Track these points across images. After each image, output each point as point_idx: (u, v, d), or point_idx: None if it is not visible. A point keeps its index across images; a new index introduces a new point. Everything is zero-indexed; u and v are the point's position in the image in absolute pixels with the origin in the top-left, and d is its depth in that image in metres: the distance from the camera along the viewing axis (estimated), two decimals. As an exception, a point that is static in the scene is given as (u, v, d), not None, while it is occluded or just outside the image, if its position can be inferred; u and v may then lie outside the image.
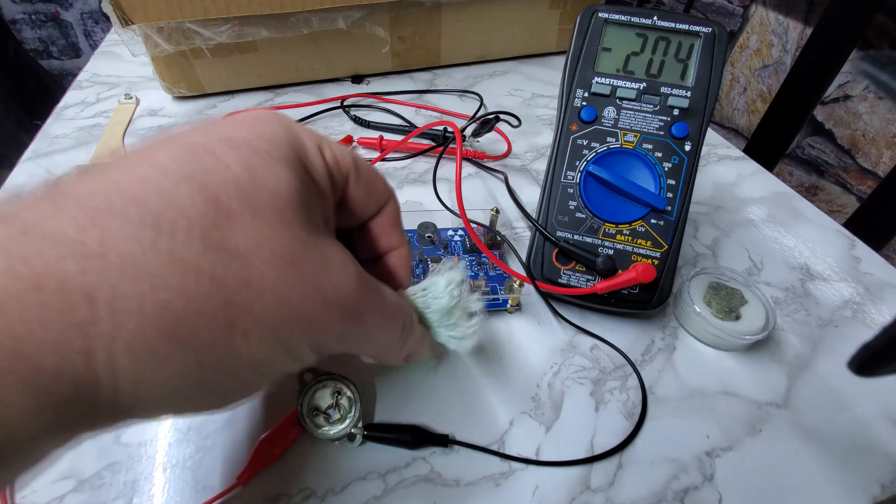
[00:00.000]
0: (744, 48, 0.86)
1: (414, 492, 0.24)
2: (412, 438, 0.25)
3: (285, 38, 0.50)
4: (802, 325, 0.33)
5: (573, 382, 0.29)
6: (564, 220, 0.32)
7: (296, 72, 0.55)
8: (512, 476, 0.25)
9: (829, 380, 0.30)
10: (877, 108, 0.70)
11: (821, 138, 0.78)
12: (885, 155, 0.70)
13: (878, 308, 0.34)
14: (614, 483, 0.25)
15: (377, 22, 0.52)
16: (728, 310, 0.31)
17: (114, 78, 0.57)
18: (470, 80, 0.59)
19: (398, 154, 0.44)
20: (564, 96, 0.33)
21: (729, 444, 0.26)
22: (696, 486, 0.25)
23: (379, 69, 0.58)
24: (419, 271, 0.33)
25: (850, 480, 0.25)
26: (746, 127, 0.89)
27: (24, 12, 1.50)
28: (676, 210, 0.31)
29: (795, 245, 0.39)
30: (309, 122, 0.50)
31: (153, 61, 0.49)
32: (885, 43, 0.67)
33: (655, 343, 0.31)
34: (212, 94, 0.53)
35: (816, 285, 0.36)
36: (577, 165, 0.32)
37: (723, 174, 0.46)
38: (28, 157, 0.45)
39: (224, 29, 0.47)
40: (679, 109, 0.31)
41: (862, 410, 0.28)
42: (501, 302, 0.32)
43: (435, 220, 0.36)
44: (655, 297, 0.30)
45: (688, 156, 0.31)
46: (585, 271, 0.31)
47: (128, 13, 0.43)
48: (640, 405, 0.28)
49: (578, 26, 0.33)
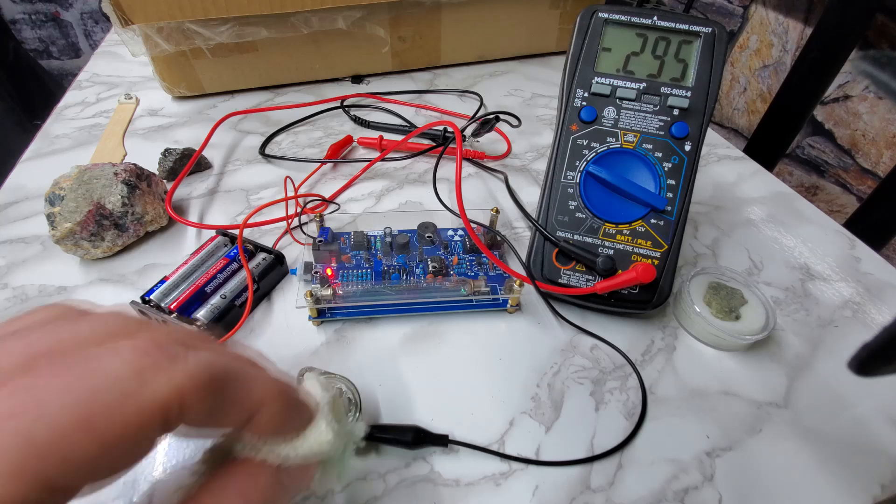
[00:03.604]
0: (744, 48, 0.86)
1: (414, 492, 0.24)
2: (412, 438, 0.25)
3: (285, 38, 0.50)
4: (802, 325, 0.33)
5: (573, 382, 0.29)
6: (564, 220, 0.32)
7: (296, 72, 0.55)
8: (512, 476, 0.25)
9: (829, 380, 0.30)
10: (877, 108, 0.70)
11: (821, 138, 0.78)
12: (885, 155, 0.70)
13: (878, 308, 0.34)
14: (614, 483, 0.25)
15: (377, 22, 0.52)
16: (728, 310, 0.31)
17: (114, 78, 0.57)
18: (470, 80, 0.59)
19: (398, 154, 0.44)
20: (564, 96, 0.33)
21: (729, 444, 0.26)
22: (696, 486, 0.25)
23: (379, 69, 0.58)
24: (420, 271, 0.33)
25: (850, 480, 0.25)
26: (746, 127, 0.89)
27: (24, 12, 1.50)
28: (676, 210, 0.31)
29: (795, 245, 0.39)
30: (309, 122, 0.51)
31: (153, 61, 0.49)
32: (885, 43, 0.67)
33: (655, 343, 0.31)
34: (212, 94, 0.54)
35: (816, 285, 0.36)
36: (577, 165, 0.32)
37: (723, 174, 0.46)
38: (28, 157, 0.45)
39: (224, 29, 0.47)
40: (679, 109, 0.31)
41: (862, 410, 0.28)
42: (501, 302, 0.32)
43: (435, 220, 0.36)
44: (655, 297, 0.30)
45: (688, 156, 0.31)
46: (585, 271, 0.31)
47: (128, 13, 0.43)
48: (640, 405, 0.28)
49: (578, 26, 0.33)
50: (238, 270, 0.32)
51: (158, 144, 0.46)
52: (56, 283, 0.33)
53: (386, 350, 0.30)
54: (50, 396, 0.11)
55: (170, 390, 0.12)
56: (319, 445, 0.16)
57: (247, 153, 0.46)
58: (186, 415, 0.12)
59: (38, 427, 0.10)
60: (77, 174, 0.34)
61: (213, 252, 0.33)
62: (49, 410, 0.11)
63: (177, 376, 0.12)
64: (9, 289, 0.33)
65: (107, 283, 0.34)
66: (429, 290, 0.32)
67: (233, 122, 0.50)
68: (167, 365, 0.12)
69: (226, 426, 0.14)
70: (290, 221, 0.37)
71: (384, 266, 0.33)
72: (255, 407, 0.14)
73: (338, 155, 0.45)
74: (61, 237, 0.32)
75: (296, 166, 0.44)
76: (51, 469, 0.10)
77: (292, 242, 0.36)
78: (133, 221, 0.35)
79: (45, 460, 0.10)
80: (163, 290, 0.30)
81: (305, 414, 0.16)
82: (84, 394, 0.11)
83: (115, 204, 0.34)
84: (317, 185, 0.43)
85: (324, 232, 0.34)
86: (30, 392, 0.11)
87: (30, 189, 0.41)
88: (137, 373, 0.12)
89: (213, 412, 0.13)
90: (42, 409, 0.11)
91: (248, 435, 0.14)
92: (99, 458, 0.11)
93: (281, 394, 0.15)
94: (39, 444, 0.10)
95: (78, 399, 0.11)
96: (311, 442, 0.16)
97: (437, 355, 0.30)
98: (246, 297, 0.31)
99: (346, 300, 0.31)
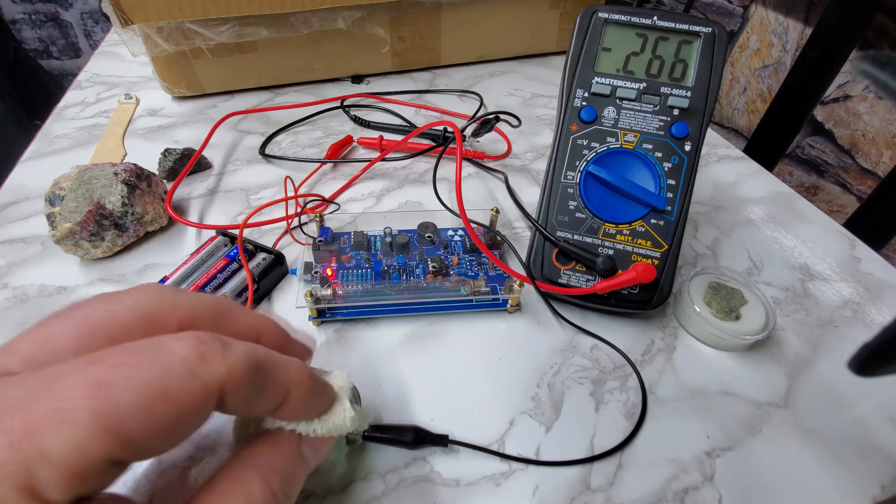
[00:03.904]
0: (744, 48, 0.86)
1: (414, 492, 0.24)
2: (412, 438, 0.25)
3: (285, 38, 0.50)
4: (802, 325, 0.33)
5: (573, 382, 0.29)
6: (564, 220, 0.32)
7: (296, 72, 0.55)
8: (512, 476, 0.25)
9: (829, 380, 0.30)
10: (877, 108, 0.70)
11: (821, 138, 0.78)
12: (885, 155, 0.70)
13: (878, 308, 0.34)
14: (614, 483, 0.25)
15: (377, 22, 0.52)
16: (728, 310, 0.31)
17: (114, 78, 0.57)
18: (470, 80, 0.59)
19: (398, 154, 0.44)
20: (564, 96, 0.33)
21: (729, 444, 0.26)
22: (696, 486, 0.25)
23: (379, 69, 0.58)
24: (420, 271, 0.33)
25: (850, 480, 0.25)
26: (746, 127, 0.89)
27: (24, 12, 1.50)
28: (676, 210, 0.31)
29: (795, 245, 0.39)
30: (309, 122, 0.51)
31: (153, 61, 0.49)
32: (885, 43, 0.67)
33: (655, 343, 0.31)
34: (212, 94, 0.54)
35: (816, 285, 0.36)
36: (577, 165, 0.32)
37: (723, 174, 0.46)
38: (28, 157, 0.45)
39: (224, 29, 0.47)
40: (679, 109, 0.31)
41: (862, 410, 0.28)
42: (501, 302, 0.32)
43: (435, 220, 0.36)
44: (655, 297, 0.30)
45: (688, 156, 0.31)
46: (585, 271, 0.31)
47: (128, 13, 0.43)
48: (640, 405, 0.28)
49: (578, 26, 0.33)
50: (238, 270, 0.32)
51: (158, 144, 0.46)
52: (56, 283, 0.33)
53: (386, 350, 0.30)
54: (135, 371, 0.13)
55: (223, 372, 0.14)
56: (343, 421, 0.18)
57: (247, 153, 0.46)
58: (237, 392, 0.14)
59: (127, 395, 0.12)
60: (77, 174, 0.34)
61: (213, 252, 0.33)
62: (135, 382, 0.12)
63: (230, 359, 0.14)
64: (9, 289, 0.33)
65: (107, 283, 0.34)
66: (429, 290, 0.32)
67: (233, 122, 0.50)
68: (221, 351, 0.14)
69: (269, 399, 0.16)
70: (290, 221, 0.37)
71: (384, 266, 0.33)
72: (289, 387, 0.16)
73: (338, 155, 0.45)
74: (61, 237, 0.32)
75: (296, 166, 0.44)
76: (133, 431, 0.12)
77: (292, 242, 0.36)
78: (133, 221, 0.35)
79: (128, 423, 0.12)
80: (163, 290, 0.30)
81: (330, 395, 0.18)
82: (161, 371, 0.13)
83: (115, 204, 0.34)
84: (317, 185, 0.43)
85: (324, 232, 0.34)
86: (119, 367, 0.13)
87: (30, 189, 0.41)
88: (200, 357, 0.13)
89: (257, 389, 0.15)
90: (129, 381, 0.12)
91: (282, 411, 0.16)
92: (169, 426, 0.13)
93: (309, 377, 0.17)
94: (126, 410, 0.12)
95: (156, 375, 0.13)
96: (336, 417, 0.18)
97: (437, 355, 0.30)
98: (246, 297, 0.31)
99: (346, 300, 0.31)
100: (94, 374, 0.12)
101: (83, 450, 0.12)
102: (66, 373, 0.12)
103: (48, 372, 0.13)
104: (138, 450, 0.13)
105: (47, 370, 0.13)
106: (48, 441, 0.11)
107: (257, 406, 0.16)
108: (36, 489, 0.11)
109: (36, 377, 0.13)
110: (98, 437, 0.12)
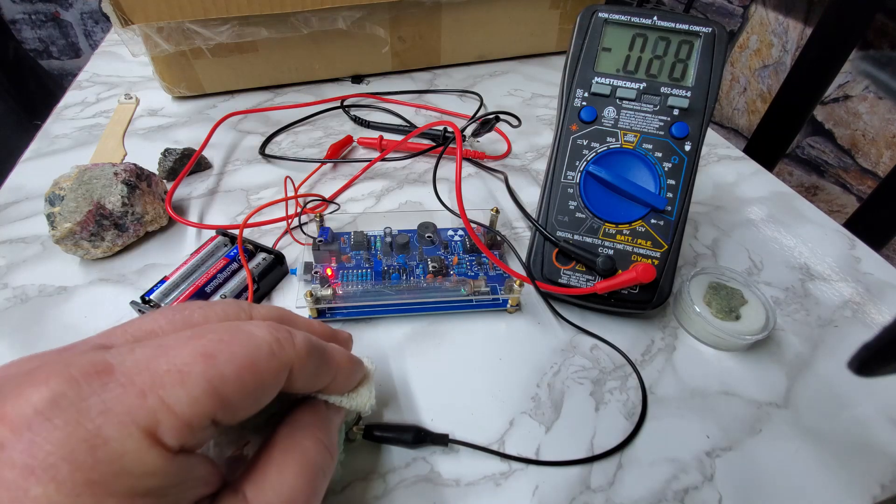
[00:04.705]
0: (744, 48, 0.86)
1: (414, 492, 0.24)
2: (412, 438, 0.25)
3: (285, 38, 0.50)
4: (802, 325, 0.33)
5: (573, 382, 0.29)
6: (564, 220, 0.32)
7: (296, 72, 0.55)
8: (512, 476, 0.25)
9: (829, 380, 0.30)
10: (877, 108, 0.70)
11: (821, 138, 0.78)
12: (884, 155, 0.70)
13: (878, 308, 0.34)
14: (614, 483, 0.25)
15: (377, 22, 0.52)
16: (728, 310, 0.31)
17: (114, 78, 0.57)
18: (470, 80, 0.59)
19: (398, 154, 0.44)
20: (564, 96, 0.33)
21: (729, 444, 0.26)
22: (696, 486, 0.25)
23: (379, 69, 0.58)
24: (420, 271, 0.33)
25: (850, 480, 0.25)
26: (746, 127, 0.89)
27: (24, 12, 1.50)
28: (676, 210, 0.31)
29: (795, 245, 0.39)
30: (309, 122, 0.51)
31: (153, 61, 0.49)
32: (885, 43, 0.67)
33: (655, 343, 0.31)
34: (212, 94, 0.54)
35: (816, 285, 0.36)
36: (577, 165, 0.32)
37: (723, 174, 0.46)
38: (28, 157, 0.45)
39: (224, 29, 0.47)
40: (679, 109, 0.31)
41: (862, 410, 0.28)
42: (501, 302, 0.32)
43: (435, 220, 0.36)
44: (655, 297, 0.30)
45: (688, 156, 0.31)
46: (585, 271, 0.31)
47: (128, 13, 0.43)
48: (640, 405, 0.28)
49: (578, 26, 0.33)
50: (238, 270, 0.32)
51: (158, 144, 0.46)
52: (56, 283, 0.33)
53: (386, 350, 0.30)
54: (232, 347, 0.15)
55: (293, 354, 0.17)
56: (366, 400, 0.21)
57: (247, 153, 0.46)
58: (303, 371, 0.17)
59: (228, 366, 0.15)
60: (77, 174, 0.34)
61: (213, 252, 0.33)
62: (233, 356, 0.15)
63: (297, 343, 0.17)
64: (9, 289, 0.33)
65: (107, 283, 0.34)
66: (429, 290, 0.32)
67: (233, 122, 0.50)
68: (290, 337, 0.17)
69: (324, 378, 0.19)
70: (290, 221, 0.37)
71: (384, 266, 0.33)
72: (337, 369, 0.20)
73: (338, 155, 0.45)
74: (61, 237, 0.32)
75: (296, 166, 0.44)
76: (230, 395, 0.15)
77: (292, 242, 0.36)
78: (133, 221, 0.35)
79: (227, 388, 0.14)
80: (163, 290, 0.30)
81: (361, 376, 0.22)
82: (250, 349, 0.15)
83: (115, 204, 0.34)
84: (317, 185, 0.43)
85: (324, 232, 0.34)
86: (220, 342, 0.15)
87: (30, 189, 0.41)
88: (276, 340, 0.16)
89: (316, 370, 0.18)
90: (228, 354, 0.15)
91: (331, 388, 0.20)
92: (254, 394, 0.15)
93: (351, 360, 0.21)
94: (226, 377, 0.14)
95: (248, 352, 0.15)
96: (361, 397, 0.21)
97: (437, 355, 0.30)
98: (246, 297, 0.31)
99: (346, 300, 0.31)
100: (200, 346, 0.15)
101: (197, 405, 0.14)
102: (176, 343, 0.15)
103: (159, 342, 0.15)
104: (232, 412, 0.15)
105: (158, 340, 0.15)
106: (171, 394, 0.13)
107: (316, 383, 0.19)
108: (156, 433, 0.13)
109: (150, 345, 0.15)
110: (208, 396, 0.14)
